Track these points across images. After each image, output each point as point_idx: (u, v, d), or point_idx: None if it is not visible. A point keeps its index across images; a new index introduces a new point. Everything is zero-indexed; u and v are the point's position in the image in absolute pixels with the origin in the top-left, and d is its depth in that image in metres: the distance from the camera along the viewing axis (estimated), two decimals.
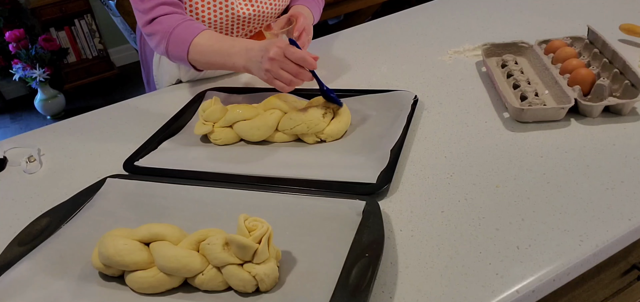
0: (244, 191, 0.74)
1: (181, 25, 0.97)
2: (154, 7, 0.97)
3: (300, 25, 0.99)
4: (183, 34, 0.96)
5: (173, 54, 0.98)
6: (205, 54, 0.95)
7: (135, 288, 0.60)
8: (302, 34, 1.00)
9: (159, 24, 0.97)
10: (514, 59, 1.00)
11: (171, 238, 0.62)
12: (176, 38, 0.96)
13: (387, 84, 1.04)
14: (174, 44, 0.96)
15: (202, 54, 0.95)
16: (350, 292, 0.54)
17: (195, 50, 0.95)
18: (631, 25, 1.06)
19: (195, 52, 0.96)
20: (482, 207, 0.67)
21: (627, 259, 0.75)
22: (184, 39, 0.96)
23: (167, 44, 0.97)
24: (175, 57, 0.99)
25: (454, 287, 0.56)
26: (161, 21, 0.97)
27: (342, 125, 0.86)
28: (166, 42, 0.97)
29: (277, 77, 0.86)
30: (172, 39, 0.96)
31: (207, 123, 0.89)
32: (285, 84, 0.87)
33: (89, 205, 0.76)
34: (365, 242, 0.60)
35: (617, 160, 0.72)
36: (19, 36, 3.01)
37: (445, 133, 0.84)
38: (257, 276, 0.57)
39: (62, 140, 1.01)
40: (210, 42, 0.95)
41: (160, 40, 0.98)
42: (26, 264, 0.65)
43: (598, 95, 0.85)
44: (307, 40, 1.01)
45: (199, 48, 0.95)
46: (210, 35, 0.96)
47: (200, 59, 0.96)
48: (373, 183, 0.72)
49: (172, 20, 0.97)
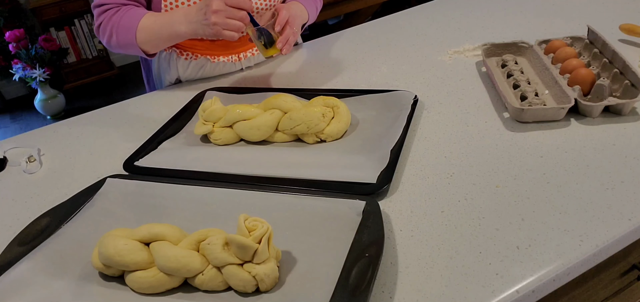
0: (244, 191, 0.74)
1: (125, 15, 1.01)
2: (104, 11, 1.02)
3: (282, 19, 0.98)
4: (127, 22, 1.00)
5: (122, 42, 1.02)
6: (151, 32, 1.00)
7: (135, 288, 0.60)
8: (286, 27, 0.98)
9: (106, 23, 1.02)
10: (514, 59, 1.00)
11: (171, 238, 0.62)
12: (123, 26, 1.00)
13: (387, 84, 1.04)
14: (122, 32, 1.01)
15: (148, 33, 1.00)
16: (350, 292, 0.54)
17: (141, 33, 1.00)
18: (631, 25, 1.06)
19: (141, 35, 1.00)
20: (482, 207, 0.67)
21: (627, 259, 0.75)
22: (130, 25, 1.00)
23: (116, 36, 1.01)
24: (124, 44, 1.02)
25: (454, 287, 0.56)
26: (109, 19, 1.02)
27: (342, 125, 0.86)
28: (116, 35, 1.01)
29: (226, 27, 0.91)
30: (119, 28, 1.01)
31: (207, 123, 0.89)
32: (235, 32, 0.92)
33: (89, 205, 0.76)
34: (365, 242, 0.60)
35: (617, 160, 0.72)
36: (19, 36, 3.01)
37: (445, 133, 0.84)
38: (257, 276, 0.57)
39: (62, 140, 1.01)
40: (153, 19, 1.00)
41: (110, 35, 1.02)
42: (26, 264, 0.65)
43: (598, 95, 0.85)
44: (292, 33, 0.99)
45: (144, 30, 1.00)
46: (152, 15, 1.01)
47: (147, 38, 1.00)
48: (373, 183, 0.72)
49: (118, 14, 1.01)
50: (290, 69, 1.19)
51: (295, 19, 1.01)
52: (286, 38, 0.98)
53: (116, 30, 1.01)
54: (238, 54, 1.18)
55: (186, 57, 1.16)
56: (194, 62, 1.16)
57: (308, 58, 1.24)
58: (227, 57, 1.17)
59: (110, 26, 1.01)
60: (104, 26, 1.03)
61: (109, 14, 1.02)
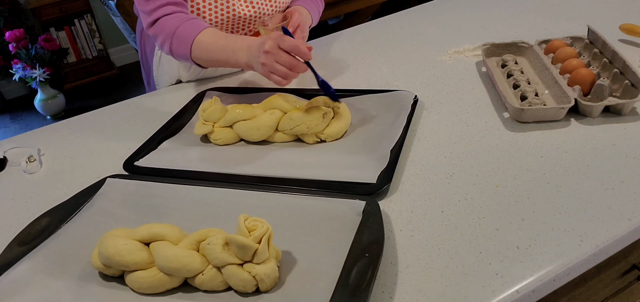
0: (244, 191, 0.73)
1: (184, 24, 0.97)
2: (157, 8, 0.98)
3: (295, 22, 0.99)
4: (185, 32, 0.97)
5: (177, 52, 0.99)
6: (208, 52, 0.96)
7: (135, 288, 0.60)
8: (296, 31, 0.99)
9: (162, 24, 0.99)
10: (514, 59, 1.00)
11: (171, 238, 0.62)
12: (179, 37, 0.97)
13: (387, 84, 1.04)
14: (177, 42, 0.98)
15: (204, 52, 0.96)
16: (350, 292, 0.54)
17: (198, 48, 0.96)
18: (631, 25, 1.06)
19: (198, 50, 0.97)
20: (482, 207, 0.67)
21: (627, 259, 0.75)
22: (187, 38, 0.96)
23: (170, 43, 0.98)
24: (179, 55, 1.00)
25: (454, 287, 0.56)
26: (165, 21, 0.98)
27: (342, 126, 0.86)
28: (170, 42, 0.98)
29: (273, 71, 0.87)
30: (175, 38, 0.97)
31: (207, 123, 0.89)
32: (282, 78, 0.88)
33: (89, 205, 0.76)
34: (365, 242, 0.60)
35: (617, 160, 0.72)
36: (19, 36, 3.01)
37: (445, 133, 0.84)
38: (257, 276, 0.57)
39: (62, 141, 1.01)
40: (213, 39, 0.96)
41: (165, 40, 0.99)
42: (26, 264, 0.65)
43: (598, 95, 0.85)
44: (302, 37, 1.00)
45: (201, 46, 0.96)
46: (213, 33, 0.97)
47: (203, 56, 0.97)
48: (373, 183, 0.72)
49: (175, 19, 0.98)
50: None
51: (305, 23, 1.03)
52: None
53: (171, 38, 0.97)
54: None
55: None
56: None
57: None
58: None
59: (166, 31, 0.98)
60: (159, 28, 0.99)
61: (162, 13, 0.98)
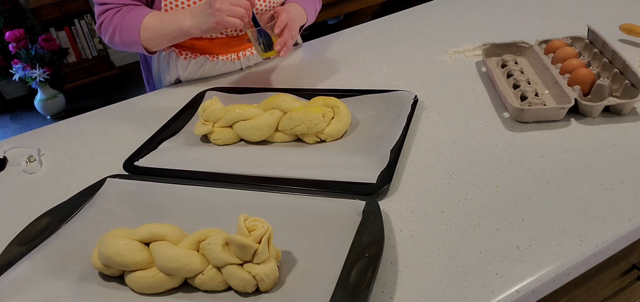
0: (244, 191, 0.73)
1: (129, 14, 1.02)
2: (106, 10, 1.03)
3: (282, 22, 0.98)
4: (131, 21, 1.01)
5: (126, 41, 1.03)
6: (155, 30, 1.01)
7: (135, 288, 0.60)
8: (284, 30, 0.99)
9: (108, 20, 1.03)
10: (514, 59, 1.00)
11: (171, 238, 0.62)
12: (126, 26, 1.01)
13: (387, 84, 1.04)
14: (125, 32, 1.02)
15: (152, 32, 1.01)
16: (350, 292, 0.54)
17: (145, 31, 1.01)
18: (631, 25, 1.06)
19: (145, 32, 1.01)
20: (482, 207, 0.67)
21: (627, 259, 0.75)
22: (133, 24, 1.01)
23: (119, 33, 1.03)
24: (128, 43, 1.04)
25: (454, 287, 0.56)
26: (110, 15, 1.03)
27: (342, 126, 0.86)
28: (118, 33, 1.03)
29: (229, 13, 0.91)
30: (122, 28, 1.02)
31: (207, 123, 0.89)
32: (239, 18, 0.92)
33: (89, 205, 0.76)
34: (365, 242, 0.60)
35: (617, 160, 0.72)
36: (19, 36, 3.01)
37: (445, 133, 0.84)
38: (257, 276, 0.57)
39: (62, 141, 1.01)
40: (157, 18, 1.01)
41: (113, 33, 1.03)
42: (26, 264, 0.65)
43: (598, 95, 0.85)
44: (290, 36, 1.00)
45: (148, 28, 1.01)
46: (158, 13, 1.02)
47: (151, 36, 1.02)
48: (373, 183, 0.72)
49: (121, 12, 1.03)
50: (290, 69, 1.19)
51: (294, 22, 1.02)
52: (284, 41, 0.99)
53: (119, 29, 1.02)
54: (237, 52, 1.18)
55: (185, 56, 1.16)
56: (193, 61, 1.16)
57: (308, 58, 1.24)
58: (226, 55, 1.17)
59: (113, 25, 1.02)
60: (106, 25, 1.03)
61: (111, 13, 1.03)
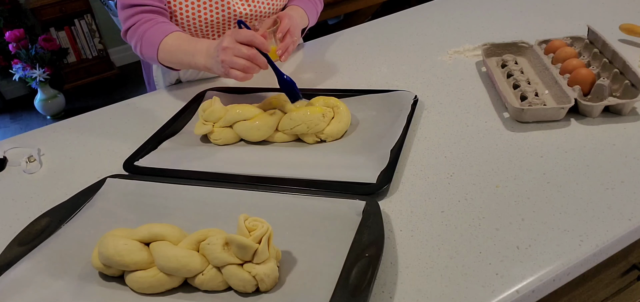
0: (244, 191, 0.73)
1: (153, 28, 1.01)
2: (131, 16, 1.03)
3: (284, 27, 0.99)
4: (153, 36, 1.00)
5: (146, 55, 1.03)
6: (172, 53, 0.99)
7: (135, 288, 0.60)
8: (286, 36, 0.99)
9: (135, 30, 1.02)
10: (514, 59, 1.00)
11: (171, 238, 0.62)
12: (148, 40, 1.01)
13: (387, 84, 1.04)
14: (146, 45, 1.01)
15: (168, 53, 0.99)
16: (350, 292, 0.54)
17: (163, 50, 0.99)
18: (631, 25, 1.06)
19: (163, 52, 1.00)
20: (482, 207, 0.67)
21: (627, 259, 0.75)
22: (154, 41, 1.00)
23: (140, 45, 1.02)
24: (148, 57, 1.04)
25: (454, 287, 0.56)
26: (137, 26, 1.02)
27: (342, 126, 0.86)
28: (140, 44, 1.02)
29: (232, 65, 0.87)
30: (144, 40, 1.01)
31: (207, 123, 0.89)
32: (242, 71, 0.87)
33: (89, 205, 0.76)
34: (365, 242, 0.60)
35: (617, 160, 0.72)
36: (19, 36, 3.01)
37: (445, 133, 0.84)
38: (257, 276, 0.57)
39: (62, 141, 1.01)
40: (178, 42, 0.99)
41: (136, 44, 1.03)
42: (26, 264, 0.65)
43: (598, 95, 0.85)
44: (292, 42, 1.00)
45: (166, 48, 0.99)
46: (178, 36, 1.00)
47: (168, 58, 1.00)
48: (373, 183, 0.72)
49: (146, 24, 1.02)
50: (290, 69, 1.19)
51: (296, 28, 1.03)
52: (286, 46, 0.99)
53: (141, 42, 1.02)
54: None
55: None
56: None
57: (308, 58, 1.24)
58: None
59: (136, 36, 1.02)
60: (131, 33, 1.03)
61: (137, 20, 1.02)
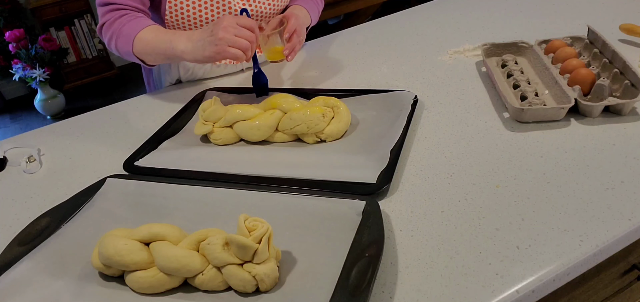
0: (244, 191, 0.73)
1: (128, 23, 1.00)
2: (107, 12, 1.02)
3: (291, 27, 0.99)
4: (128, 30, 0.99)
5: (121, 49, 1.02)
6: (148, 45, 0.98)
7: (135, 288, 0.60)
8: (293, 36, 0.99)
9: (109, 25, 1.02)
10: (514, 59, 1.01)
11: (171, 238, 0.62)
12: (124, 33, 1.00)
13: (387, 84, 1.04)
14: (122, 39, 1.00)
15: (145, 45, 0.99)
16: (350, 292, 0.54)
17: (140, 41, 0.99)
18: (631, 25, 1.06)
19: (139, 45, 0.99)
20: (482, 207, 0.67)
21: (627, 259, 0.75)
22: (130, 34, 0.99)
23: (116, 41, 1.01)
24: (123, 52, 1.03)
25: (454, 287, 0.56)
26: (112, 21, 1.02)
27: (342, 126, 0.86)
28: (116, 40, 1.01)
29: (232, 44, 0.88)
30: (120, 35, 1.00)
31: (207, 123, 0.89)
32: (243, 50, 0.89)
33: (89, 205, 0.76)
34: (365, 242, 0.60)
35: (617, 160, 0.72)
36: (19, 36, 3.01)
37: (445, 133, 0.84)
38: (257, 276, 0.57)
39: (62, 141, 1.01)
40: (153, 34, 0.99)
41: (111, 38, 1.02)
42: (26, 264, 0.65)
43: (598, 95, 0.85)
44: (298, 41, 1.00)
45: (142, 41, 0.99)
46: (155, 29, 1.00)
47: (144, 50, 0.99)
48: (373, 183, 0.72)
49: (122, 19, 1.01)
50: (290, 69, 1.19)
51: (302, 27, 1.03)
52: (293, 46, 0.99)
53: (117, 36, 1.01)
54: None
55: None
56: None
57: (308, 58, 1.24)
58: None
59: (112, 30, 1.01)
60: (107, 28, 1.02)
61: (112, 16, 1.01)
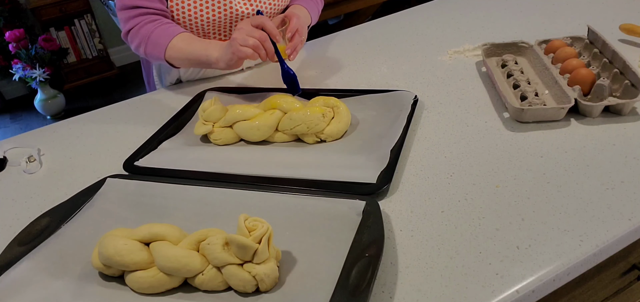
0: (244, 191, 0.73)
1: (159, 29, 1.03)
2: (132, 17, 1.04)
3: (293, 27, 1.00)
4: (160, 36, 1.02)
5: (151, 54, 1.05)
6: (182, 50, 1.02)
7: (135, 288, 0.60)
8: (295, 35, 1.00)
9: (136, 31, 1.04)
10: (514, 59, 1.01)
11: (171, 238, 0.62)
12: (154, 40, 1.02)
13: (387, 84, 1.04)
14: (152, 45, 1.03)
15: (179, 51, 1.02)
16: (350, 292, 0.54)
17: (173, 48, 1.02)
18: (631, 25, 1.06)
19: (172, 50, 1.02)
20: (482, 207, 0.67)
21: (627, 259, 0.75)
22: (162, 40, 1.02)
23: (145, 46, 1.04)
24: (153, 57, 1.06)
25: (454, 287, 0.56)
26: (140, 28, 1.04)
27: (342, 126, 0.86)
28: (144, 46, 1.04)
29: (243, 43, 0.91)
30: (150, 41, 1.03)
31: (207, 123, 0.89)
32: (251, 49, 0.91)
33: (89, 205, 0.76)
34: (365, 242, 0.60)
35: (617, 160, 0.72)
36: (19, 36, 3.01)
37: (445, 133, 0.84)
38: (257, 276, 0.57)
39: (62, 141, 1.01)
40: (186, 42, 1.02)
41: (139, 44, 1.05)
42: (26, 264, 0.65)
43: (598, 95, 0.85)
44: (300, 41, 1.01)
45: (175, 49, 1.02)
46: (186, 37, 1.03)
47: (177, 56, 1.03)
48: (373, 183, 0.72)
49: (150, 25, 1.03)
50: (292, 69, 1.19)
51: (304, 27, 1.04)
52: (295, 46, 1.00)
53: (146, 43, 1.03)
54: None
55: None
56: None
57: (308, 58, 1.24)
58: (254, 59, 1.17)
59: (139, 37, 1.04)
60: (134, 34, 1.05)
61: (138, 22, 1.03)
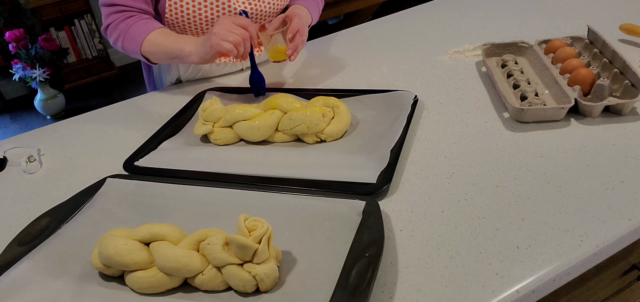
0: (244, 191, 0.74)
1: (135, 24, 1.02)
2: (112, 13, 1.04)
3: (294, 27, 1.00)
4: (136, 32, 1.02)
5: (128, 48, 1.05)
6: (157, 44, 1.01)
7: (135, 288, 0.60)
8: (296, 36, 1.00)
9: (115, 26, 1.04)
10: (514, 59, 1.01)
11: (171, 238, 0.62)
12: (131, 34, 1.02)
13: (387, 84, 1.04)
14: (129, 39, 1.03)
15: (154, 45, 1.02)
16: (350, 292, 0.54)
17: (149, 42, 1.01)
18: (631, 25, 1.06)
19: (148, 44, 1.02)
20: (482, 207, 0.67)
21: (627, 259, 0.75)
22: (138, 35, 1.02)
23: (122, 41, 1.04)
24: (129, 50, 1.05)
25: (454, 287, 0.56)
26: (118, 23, 1.04)
27: (342, 126, 0.86)
28: (122, 40, 1.04)
29: (225, 38, 0.91)
30: (126, 37, 1.03)
31: (207, 123, 0.89)
32: (233, 45, 0.91)
33: (89, 205, 0.76)
34: (365, 242, 0.60)
35: (617, 160, 0.72)
36: (19, 36, 3.01)
37: (445, 133, 0.84)
38: (257, 276, 0.57)
39: (62, 141, 1.01)
40: (162, 37, 1.02)
41: (117, 38, 1.05)
42: (26, 264, 0.65)
43: (598, 95, 0.85)
44: (301, 41, 1.01)
45: (151, 43, 1.01)
46: (163, 32, 1.03)
47: (152, 50, 1.02)
48: (373, 183, 0.72)
49: (129, 20, 1.03)
50: (291, 69, 1.19)
51: (305, 27, 1.04)
52: (296, 46, 1.00)
53: (123, 37, 1.03)
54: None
55: None
56: None
57: (308, 58, 1.24)
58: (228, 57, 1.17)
59: (118, 31, 1.04)
60: (112, 29, 1.05)
61: (118, 17, 1.03)
